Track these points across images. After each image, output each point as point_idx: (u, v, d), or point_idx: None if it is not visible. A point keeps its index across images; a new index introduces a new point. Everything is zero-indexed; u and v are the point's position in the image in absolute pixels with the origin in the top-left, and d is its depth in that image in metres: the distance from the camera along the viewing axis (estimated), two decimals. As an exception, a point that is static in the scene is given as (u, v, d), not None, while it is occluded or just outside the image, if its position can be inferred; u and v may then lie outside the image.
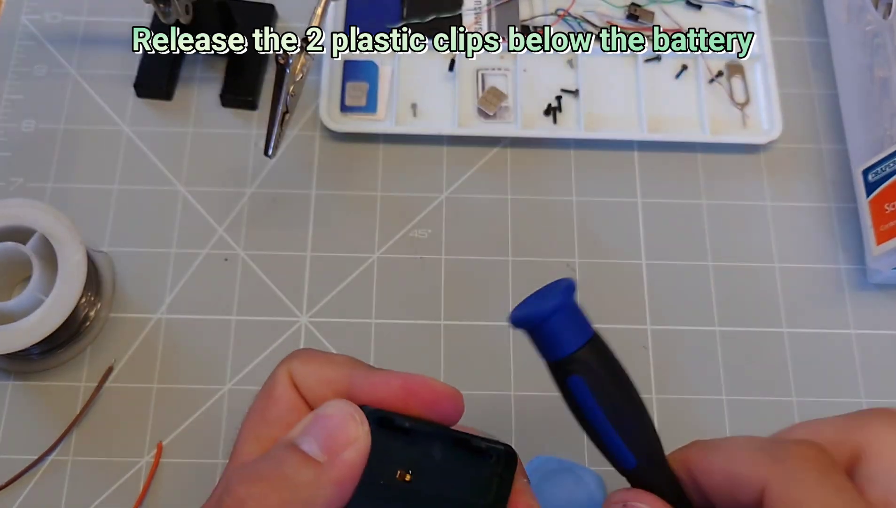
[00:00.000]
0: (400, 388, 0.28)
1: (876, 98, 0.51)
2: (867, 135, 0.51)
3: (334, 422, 0.26)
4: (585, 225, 0.51)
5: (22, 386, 0.47)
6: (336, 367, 0.29)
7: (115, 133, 0.53)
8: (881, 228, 0.47)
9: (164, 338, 0.48)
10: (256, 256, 0.50)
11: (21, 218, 0.45)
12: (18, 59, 0.55)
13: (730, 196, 0.52)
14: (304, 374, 0.29)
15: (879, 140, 0.50)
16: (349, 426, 0.26)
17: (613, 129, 0.53)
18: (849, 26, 0.54)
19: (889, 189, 0.47)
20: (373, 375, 0.28)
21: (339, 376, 0.28)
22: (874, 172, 0.48)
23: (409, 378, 0.28)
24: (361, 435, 0.26)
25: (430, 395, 0.28)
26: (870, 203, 0.48)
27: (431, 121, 0.53)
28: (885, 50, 0.50)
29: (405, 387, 0.28)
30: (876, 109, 0.51)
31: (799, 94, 0.56)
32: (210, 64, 0.55)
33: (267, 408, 0.28)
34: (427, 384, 0.28)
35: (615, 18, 0.56)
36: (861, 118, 0.52)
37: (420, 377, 0.28)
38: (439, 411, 0.28)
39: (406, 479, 0.27)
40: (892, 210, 0.46)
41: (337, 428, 0.26)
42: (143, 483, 0.45)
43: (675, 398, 0.48)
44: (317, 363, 0.29)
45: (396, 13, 0.56)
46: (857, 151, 0.52)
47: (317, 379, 0.28)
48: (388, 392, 0.28)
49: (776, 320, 0.50)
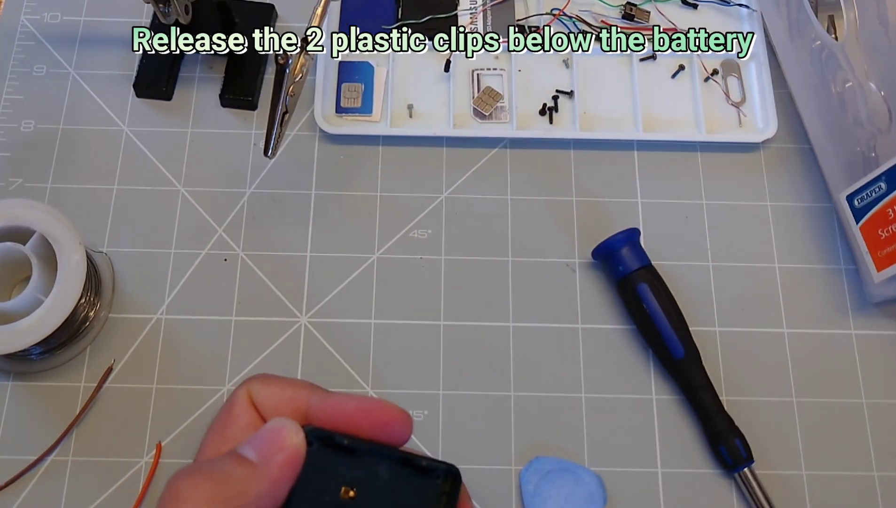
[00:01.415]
0: (355, 409, 0.29)
1: (839, 114, 0.50)
2: (840, 157, 0.50)
3: (270, 430, 0.28)
4: (585, 225, 0.52)
5: (22, 386, 0.47)
6: (295, 389, 0.30)
7: (114, 133, 0.53)
8: (879, 253, 0.47)
9: (163, 338, 0.48)
10: (256, 256, 0.50)
11: (20, 218, 0.45)
12: (18, 59, 0.55)
13: (730, 196, 0.53)
14: (264, 395, 0.30)
15: (853, 160, 0.49)
16: (283, 434, 0.28)
17: (609, 129, 0.54)
18: (794, 45, 0.53)
19: (879, 215, 0.46)
20: (329, 397, 0.30)
21: (297, 396, 0.30)
22: (859, 197, 0.48)
23: (364, 400, 0.29)
24: (295, 442, 0.28)
25: (383, 416, 0.29)
26: (861, 230, 0.48)
27: (427, 122, 0.54)
28: (837, 62, 0.49)
29: (360, 408, 0.29)
30: (841, 127, 0.50)
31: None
32: (210, 64, 0.55)
33: (226, 425, 0.30)
34: (381, 406, 0.29)
35: (610, 18, 0.56)
36: (830, 140, 0.51)
37: (373, 400, 0.30)
38: (391, 432, 0.29)
39: (350, 496, 0.28)
40: (888, 236, 0.46)
41: (271, 434, 0.28)
42: (142, 483, 0.45)
43: (675, 398, 0.48)
44: (277, 385, 0.30)
45: (391, 14, 0.56)
46: (833, 175, 0.51)
47: (276, 400, 0.30)
48: (344, 412, 0.29)
49: (776, 320, 0.50)
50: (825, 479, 0.46)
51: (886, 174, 0.46)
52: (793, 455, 0.47)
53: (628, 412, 0.47)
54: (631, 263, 0.48)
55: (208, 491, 0.27)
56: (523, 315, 0.49)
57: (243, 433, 0.30)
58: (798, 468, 0.47)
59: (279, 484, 0.27)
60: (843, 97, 0.50)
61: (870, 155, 0.48)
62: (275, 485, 0.27)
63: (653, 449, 0.47)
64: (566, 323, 0.49)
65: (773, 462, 0.47)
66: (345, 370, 0.48)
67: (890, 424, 0.48)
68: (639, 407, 0.48)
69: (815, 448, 0.47)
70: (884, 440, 0.47)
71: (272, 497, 0.27)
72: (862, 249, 0.48)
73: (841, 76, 0.50)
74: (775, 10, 0.55)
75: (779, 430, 0.47)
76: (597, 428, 0.47)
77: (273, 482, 0.27)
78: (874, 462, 0.47)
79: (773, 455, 0.47)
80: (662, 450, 0.47)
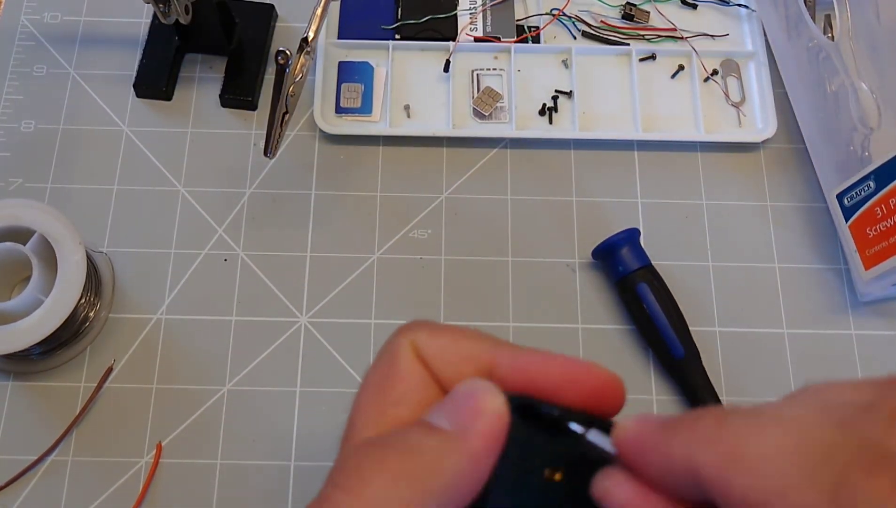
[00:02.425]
0: (559, 374, 0.24)
1: (833, 114, 0.50)
2: (833, 156, 0.50)
3: (464, 393, 0.23)
4: (585, 225, 0.52)
5: (22, 386, 0.47)
6: (473, 342, 0.25)
7: (114, 133, 0.53)
8: (867, 252, 0.47)
9: (163, 338, 0.48)
10: (256, 256, 0.50)
11: (21, 218, 0.45)
12: (18, 59, 0.55)
13: (729, 196, 0.53)
14: (435, 349, 0.25)
15: (846, 159, 0.49)
16: (482, 397, 0.23)
17: (609, 128, 0.54)
18: (791, 44, 0.53)
19: (867, 214, 0.47)
20: (521, 355, 0.25)
21: (478, 352, 0.25)
22: (849, 196, 0.48)
23: (568, 363, 0.24)
24: (497, 407, 0.22)
25: (593, 383, 0.24)
26: (850, 228, 0.48)
27: (426, 122, 0.54)
28: (832, 62, 0.50)
29: (565, 373, 0.24)
30: (835, 126, 0.50)
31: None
32: (210, 64, 0.55)
33: (390, 385, 0.24)
34: (589, 369, 0.24)
35: (610, 18, 0.56)
36: (824, 140, 0.51)
37: (579, 361, 0.24)
38: (601, 401, 0.24)
39: (556, 479, 0.23)
40: (875, 234, 0.46)
41: (467, 398, 0.23)
42: (142, 483, 0.45)
43: (675, 398, 0.48)
44: (448, 336, 0.25)
45: (391, 14, 0.56)
46: (826, 173, 0.51)
47: (452, 356, 0.25)
48: (543, 375, 0.24)
49: (776, 320, 0.50)
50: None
51: (875, 173, 0.46)
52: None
53: (628, 413, 0.47)
54: (631, 263, 0.48)
55: (396, 467, 0.22)
56: (523, 315, 0.49)
57: (413, 394, 0.24)
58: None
59: (481, 460, 0.22)
60: (837, 97, 0.50)
61: (863, 155, 0.48)
62: (475, 461, 0.22)
63: (653, 449, 0.47)
64: (566, 323, 0.49)
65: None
66: (345, 371, 0.48)
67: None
68: (639, 407, 0.48)
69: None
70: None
71: (472, 475, 0.22)
72: (851, 247, 0.48)
73: (835, 76, 0.50)
74: (773, 9, 0.55)
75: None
76: (597, 428, 0.47)
77: (473, 456, 0.22)
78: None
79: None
80: (662, 450, 0.47)
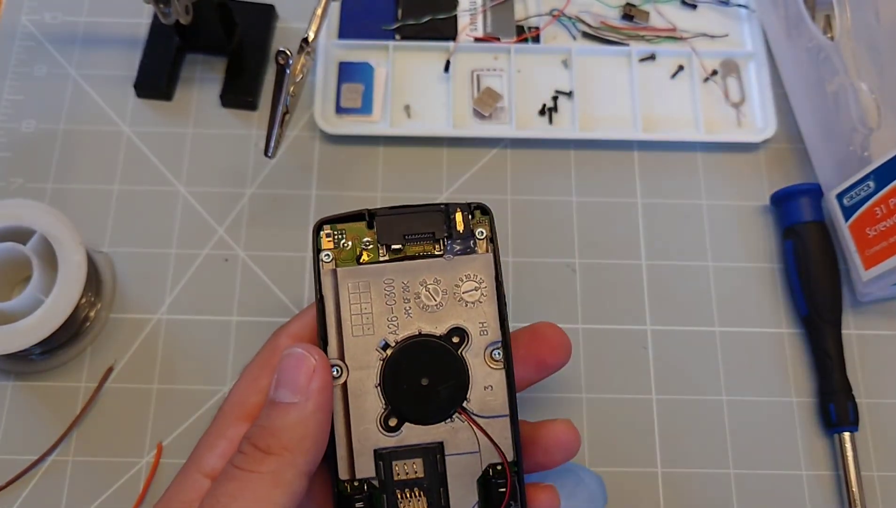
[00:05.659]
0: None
1: (832, 114, 0.50)
2: (832, 156, 0.50)
3: (292, 364, 0.31)
4: (585, 225, 0.52)
5: (22, 387, 0.47)
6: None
7: (115, 133, 0.53)
8: (866, 253, 0.47)
9: (164, 338, 0.48)
10: (256, 256, 0.50)
11: (21, 218, 0.45)
12: (18, 59, 0.55)
13: (729, 196, 0.53)
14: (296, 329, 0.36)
15: (846, 159, 0.49)
16: (305, 363, 0.31)
17: (609, 129, 0.54)
18: (790, 44, 0.54)
19: (867, 214, 0.47)
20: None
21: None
22: (848, 196, 0.48)
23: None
24: (318, 364, 0.31)
25: None
26: (850, 228, 0.48)
27: (427, 122, 0.54)
28: (832, 62, 0.50)
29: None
30: (835, 127, 0.50)
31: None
32: (210, 64, 0.55)
33: (272, 357, 0.34)
34: None
35: (610, 18, 0.56)
36: (823, 140, 0.51)
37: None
38: None
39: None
40: (875, 234, 0.46)
41: (296, 370, 0.31)
42: (143, 484, 0.45)
43: (675, 398, 0.48)
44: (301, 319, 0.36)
45: (391, 14, 0.56)
46: (826, 174, 0.51)
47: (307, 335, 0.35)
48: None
49: (776, 320, 0.50)
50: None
51: (875, 173, 0.46)
52: (793, 454, 0.47)
53: (628, 412, 0.48)
54: (807, 215, 0.50)
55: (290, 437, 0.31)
56: (523, 316, 0.49)
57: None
58: (798, 468, 0.47)
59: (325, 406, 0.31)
60: (837, 97, 0.50)
61: (863, 155, 0.48)
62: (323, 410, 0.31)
63: (653, 449, 0.47)
64: (566, 323, 0.49)
65: (773, 461, 0.47)
66: (345, 370, 0.48)
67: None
68: (639, 407, 0.48)
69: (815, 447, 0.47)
70: (885, 439, 0.47)
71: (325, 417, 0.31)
72: (850, 247, 0.48)
73: (835, 76, 0.50)
74: (773, 10, 0.55)
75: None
76: (597, 428, 0.47)
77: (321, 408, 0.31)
78: (873, 462, 0.47)
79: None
80: (662, 450, 0.47)
